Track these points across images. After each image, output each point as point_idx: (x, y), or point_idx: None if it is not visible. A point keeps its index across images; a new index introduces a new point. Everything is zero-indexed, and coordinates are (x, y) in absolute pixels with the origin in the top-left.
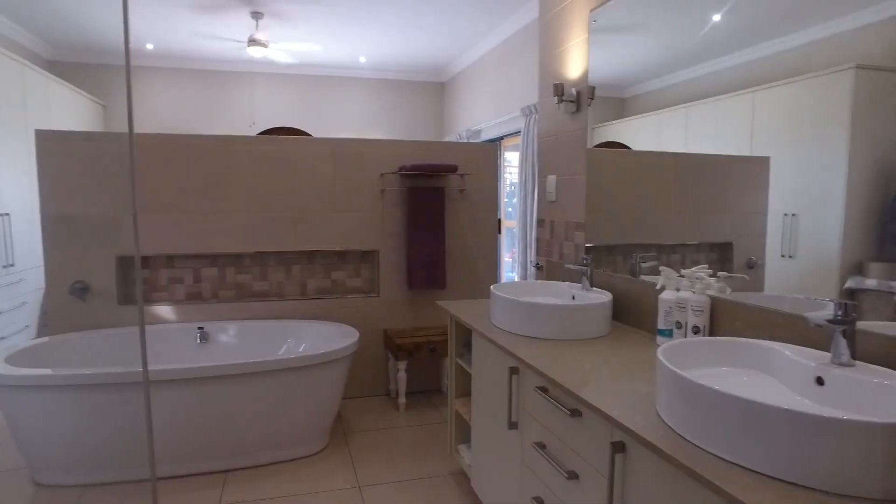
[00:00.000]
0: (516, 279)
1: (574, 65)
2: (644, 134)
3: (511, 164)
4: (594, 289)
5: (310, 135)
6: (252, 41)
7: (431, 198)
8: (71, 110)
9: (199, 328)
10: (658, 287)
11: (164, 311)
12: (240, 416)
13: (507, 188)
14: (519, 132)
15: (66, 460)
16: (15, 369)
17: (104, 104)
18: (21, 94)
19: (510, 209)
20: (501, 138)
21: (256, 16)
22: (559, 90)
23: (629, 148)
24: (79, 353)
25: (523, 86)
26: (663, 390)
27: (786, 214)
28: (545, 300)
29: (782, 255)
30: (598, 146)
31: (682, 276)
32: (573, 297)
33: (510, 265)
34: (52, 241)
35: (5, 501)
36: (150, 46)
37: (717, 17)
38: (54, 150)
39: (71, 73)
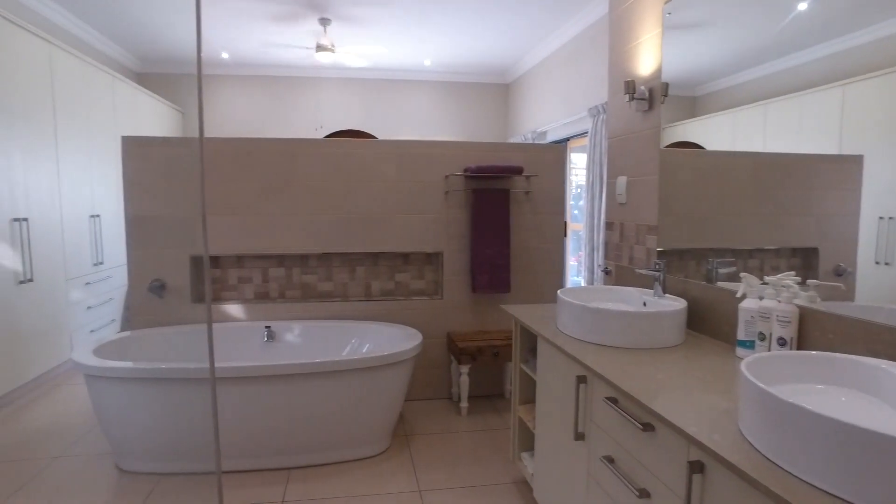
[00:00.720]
0: (582, 283)
1: (646, 61)
2: (718, 133)
3: (577, 166)
4: (667, 295)
5: (375, 137)
6: (320, 47)
7: (496, 200)
8: (155, 118)
9: (267, 327)
10: (738, 295)
11: (234, 309)
12: (304, 415)
13: (574, 190)
14: (586, 133)
15: (145, 449)
16: (101, 360)
17: (183, 111)
18: (112, 104)
19: (576, 211)
20: (568, 139)
21: (324, 22)
22: (630, 88)
23: (702, 148)
24: (156, 348)
25: (590, 85)
26: (748, 407)
27: (881, 217)
28: (615, 306)
29: (877, 262)
30: (667, 147)
31: (766, 284)
32: (644, 304)
33: (576, 269)
34: (133, 240)
35: (91, 483)
36: (225, 56)
37: (802, 6)
38: (136, 154)
39: (156, 84)
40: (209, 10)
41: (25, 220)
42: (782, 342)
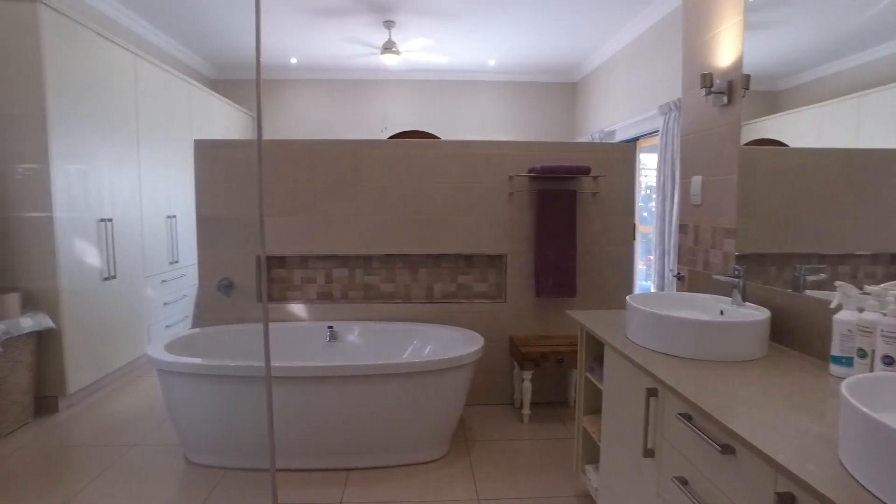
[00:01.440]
0: (652, 289)
1: (725, 52)
2: (803, 129)
3: (647, 166)
4: (747, 303)
5: (438, 138)
6: (385, 49)
7: (562, 201)
8: (227, 122)
9: (329, 327)
10: (833, 306)
11: (298, 309)
12: (364, 417)
13: (643, 191)
14: (656, 132)
15: (210, 443)
16: (170, 356)
17: (253, 115)
18: (188, 109)
19: (645, 214)
20: (637, 138)
21: (389, 24)
22: (707, 81)
23: (786, 145)
24: (223, 345)
25: (661, 82)
26: (850, 435)
27: None
28: (689, 314)
29: None
30: (746, 145)
31: (867, 294)
32: (721, 312)
33: (644, 273)
34: (203, 240)
35: (162, 472)
36: (293, 61)
37: None
38: (206, 156)
39: (229, 89)
40: (278, 17)
41: (110, 220)
42: (889, 361)
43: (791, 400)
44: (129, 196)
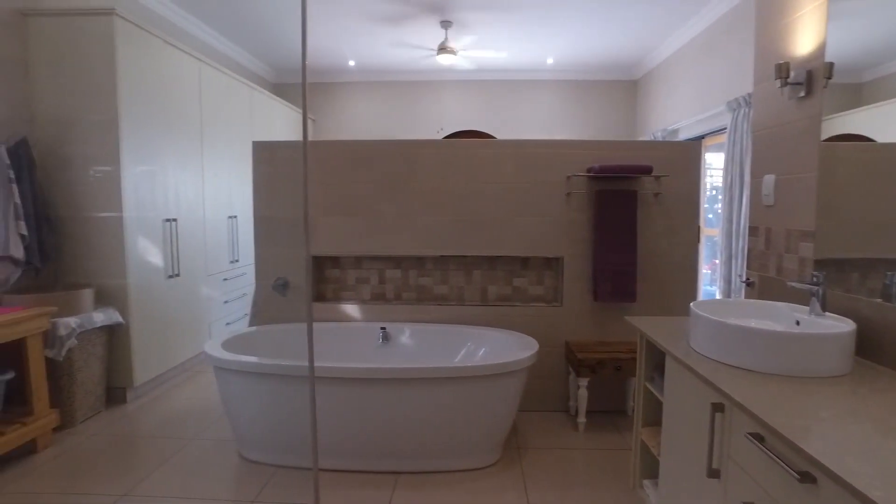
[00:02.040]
0: (717, 295)
1: (805, 38)
2: (892, 124)
3: (712, 166)
4: (827, 313)
5: (494, 137)
6: (441, 49)
7: (622, 202)
8: (287, 125)
9: (382, 328)
10: None
11: (351, 309)
12: (415, 420)
13: (708, 192)
14: (724, 129)
15: (264, 440)
16: (225, 353)
17: (314, 118)
18: (249, 112)
19: (710, 216)
20: (703, 137)
21: (446, 24)
22: (783, 71)
23: (872, 141)
24: (277, 344)
25: (730, 76)
26: None
27: None
28: (761, 324)
29: None
30: (825, 141)
31: None
32: (797, 323)
33: (708, 278)
34: (260, 239)
35: (217, 467)
36: (351, 63)
37: None
38: (263, 158)
39: (290, 93)
40: (337, 21)
41: (175, 220)
42: None
43: (885, 424)
44: (192, 197)
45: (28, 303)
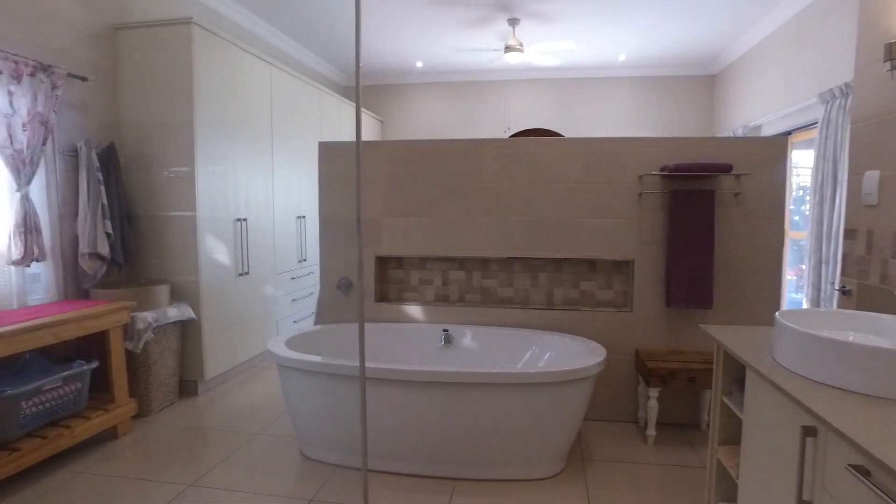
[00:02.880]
0: (805, 303)
1: None
2: None
3: (798, 164)
4: None
5: (561, 135)
6: (508, 48)
7: (699, 202)
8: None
9: (444, 330)
10: None
11: (414, 310)
12: (476, 426)
13: (794, 192)
14: (813, 124)
15: (324, 439)
16: (287, 351)
17: (381, 119)
18: (318, 114)
19: (796, 217)
20: (789, 133)
21: (513, 22)
22: (892, 52)
23: None
24: (339, 343)
25: (822, 66)
26: None
27: None
28: (861, 338)
29: None
30: None
31: None
32: None
33: (794, 285)
34: (325, 240)
35: (279, 464)
36: (419, 64)
37: None
38: (329, 158)
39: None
40: (405, 22)
41: (245, 220)
42: None
43: None
44: (262, 197)
45: (112, 297)
